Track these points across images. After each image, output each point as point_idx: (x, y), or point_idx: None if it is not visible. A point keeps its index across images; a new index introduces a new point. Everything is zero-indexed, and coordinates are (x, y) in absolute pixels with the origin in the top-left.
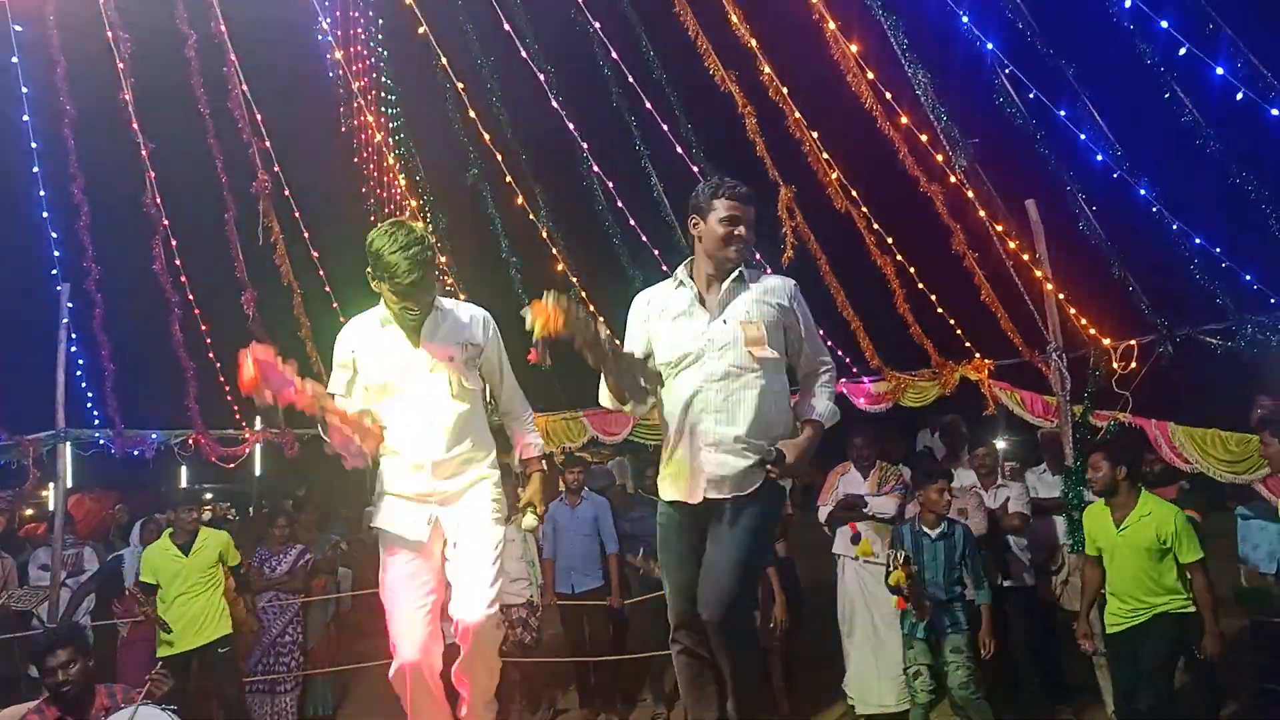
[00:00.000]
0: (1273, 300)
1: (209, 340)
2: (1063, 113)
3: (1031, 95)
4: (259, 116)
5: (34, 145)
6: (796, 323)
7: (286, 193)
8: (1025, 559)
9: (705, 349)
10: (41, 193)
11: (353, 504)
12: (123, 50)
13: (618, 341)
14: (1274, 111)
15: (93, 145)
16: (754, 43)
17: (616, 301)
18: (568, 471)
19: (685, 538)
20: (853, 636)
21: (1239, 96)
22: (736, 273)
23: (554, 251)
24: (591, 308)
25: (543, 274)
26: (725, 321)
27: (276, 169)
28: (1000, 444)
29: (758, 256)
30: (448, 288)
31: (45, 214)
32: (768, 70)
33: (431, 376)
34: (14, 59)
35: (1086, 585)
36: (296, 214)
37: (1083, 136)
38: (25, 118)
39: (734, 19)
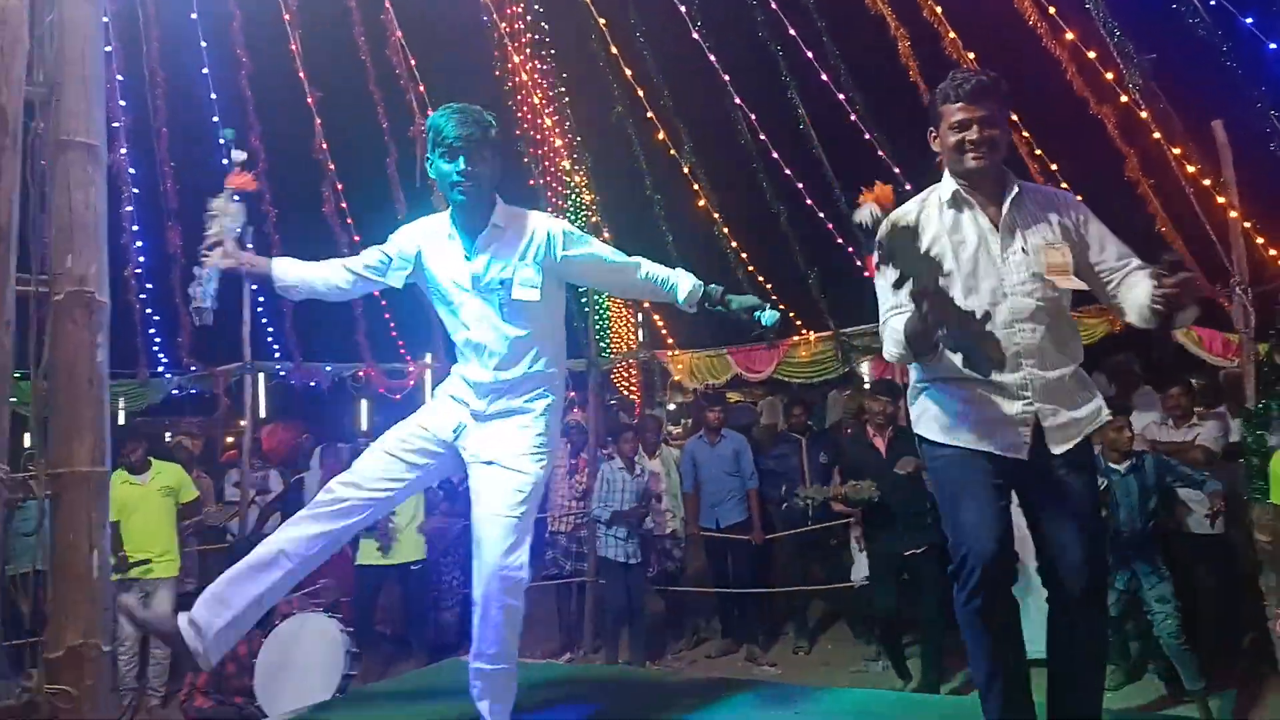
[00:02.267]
0: None
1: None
2: (1250, 20)
3: (1214, 1)
4: (413, 61)
5: (213, 96)
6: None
7: None
8: (1203, 508)
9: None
10: (221, 140)
11: None
12: (289, 2)
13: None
14: None
15: (265, 95)
16: None
17: (764, 238)
18: (708, 410)
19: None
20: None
21: None
22: (1015, 190)
23: (696, 188)
24: (735, 245)
25: (687, 212)
26: (1026, 251)
27: (430, 112)
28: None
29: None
30: (593, 221)
31: (225, 161)
32: None
33: (482, 296)
34: (193, 15)
35: (1267, 528)
36: None
37: (1273, 46)
38: (204, 70)
39: None
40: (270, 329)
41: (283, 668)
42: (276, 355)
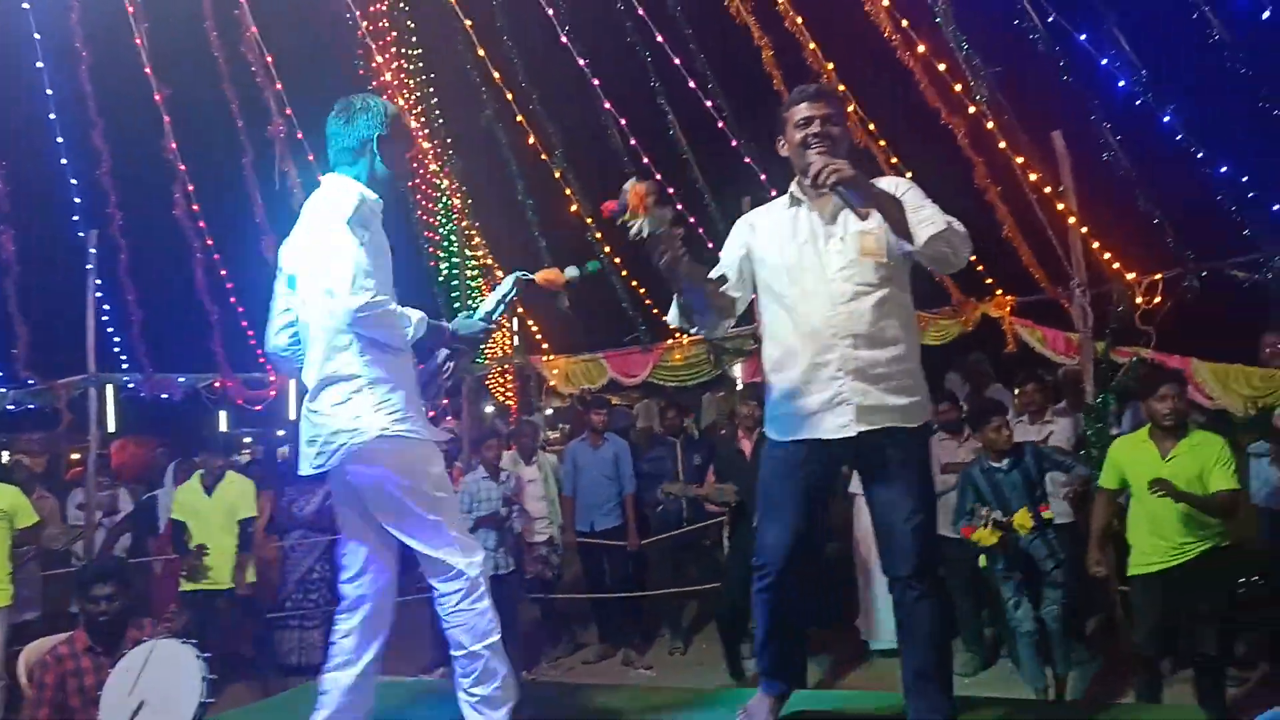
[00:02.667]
0: None
1: (230, 285)
2: (1084, 38)
3: (1051, 19)
4: (270, 59)
5: (49, 92)
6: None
7: (300, 135)
8: (1062, 494)
9: (827, 271)
10: (59, 139)
11: None
12: None
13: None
14: None
15: (109, 91)
16: None
17: (633, 244)
18: (593, 412)
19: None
20: (868, 574)
21: (1265, 15)
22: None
23: (568, 193)
24: (607, 249)
25: (558, 214)
26: (844, 239)
27: (289, 112)
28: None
29: None
30: (463, 225)
31: (64, 160)
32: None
33: None
34: (24, 4)
35: (1099, 516)
36: (311, 157)
37: (1105, 62)
38: (39, 64)
39: None
40: (117, 338)
41: (131, 699)
42: (125, 366)
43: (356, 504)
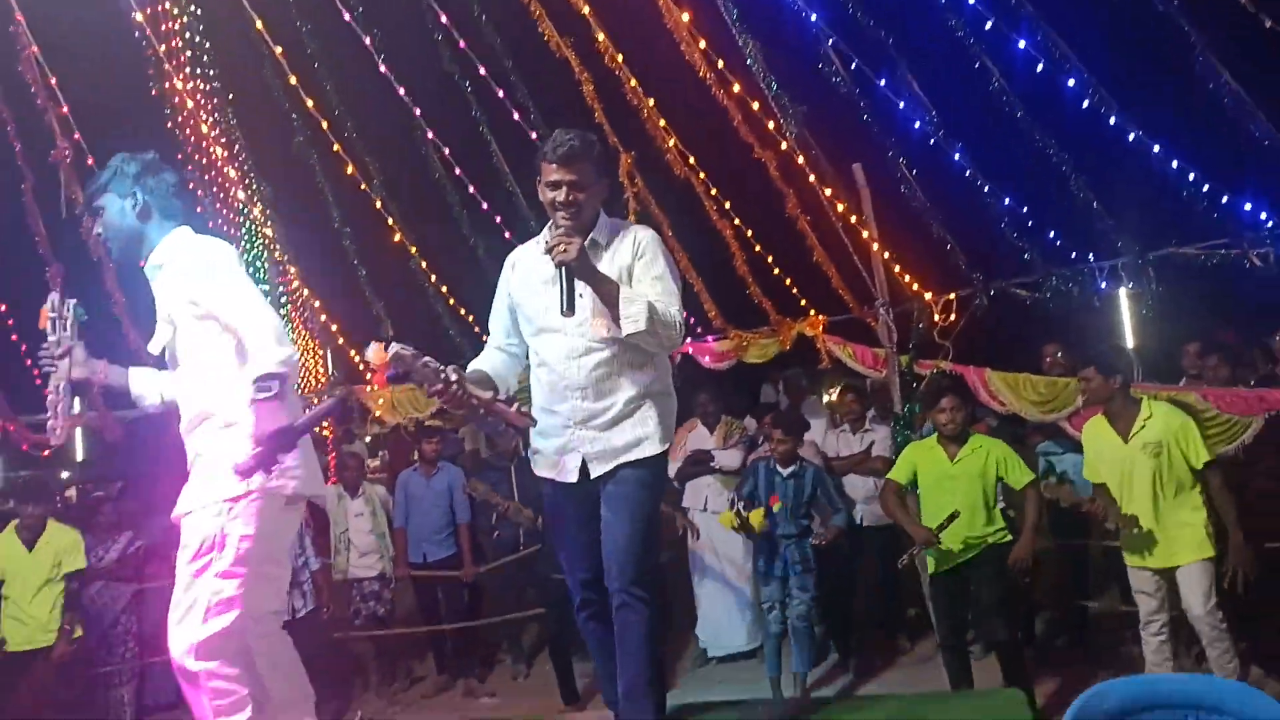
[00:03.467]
0: (1073, 255)
1: (11, 321)
2: (882, 82)
3: (854, 65)
4: (53, 80)
5: None
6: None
7: (91, 161)
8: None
9: (565, 324)
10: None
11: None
12: None
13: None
14: (1070, 82)
15: None
16: (587, 8)
17: (459, 273)
18: (425, 441)
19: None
20: (704, 585)
21: (1039, 68)
22: (590, 238)
23: (389, 222)
24: (433, 278)
25: (381, 243)
26: (581, 295)
27: (77, 136)
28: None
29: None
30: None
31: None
32: (603, 37)
33: None
34: None
35: (887, 504)
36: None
37: (901, 105)
38: None
39: None
40: None
41: None
42: None
43: None
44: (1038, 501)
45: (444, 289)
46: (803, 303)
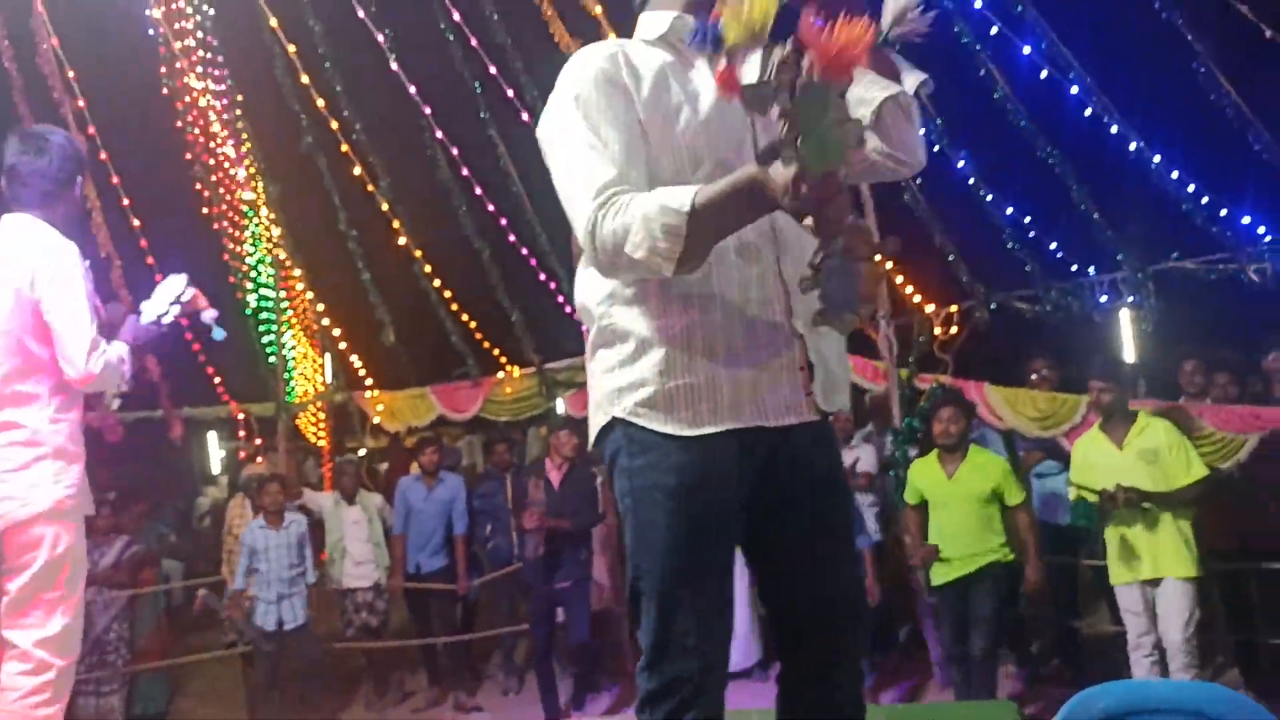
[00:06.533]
0: (1074, 268)
1: None
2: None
3: None
4: (71, 74)
5: None
6: None
7: (104, 156)
8: (874, 513)
9: (741, 145)
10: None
11: (181, 493)
12: None
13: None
14: (1073, 90)
15: None
16: (599, 8)
17: (466, 275)
18: (423, 453)
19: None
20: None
21: (1043, 75)
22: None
23: (395, 225)
24: (437, 282)
25: (386, 245)
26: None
27: (91, 131)
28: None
29: None
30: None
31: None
32: (614, 37)
33: None
34: None
35: (912, 529)
36: (115, 179)
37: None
38: None
39: None
40: None
41: None
42: None
43: None
44: (1030, 521)
45: (448, 294)
46: None
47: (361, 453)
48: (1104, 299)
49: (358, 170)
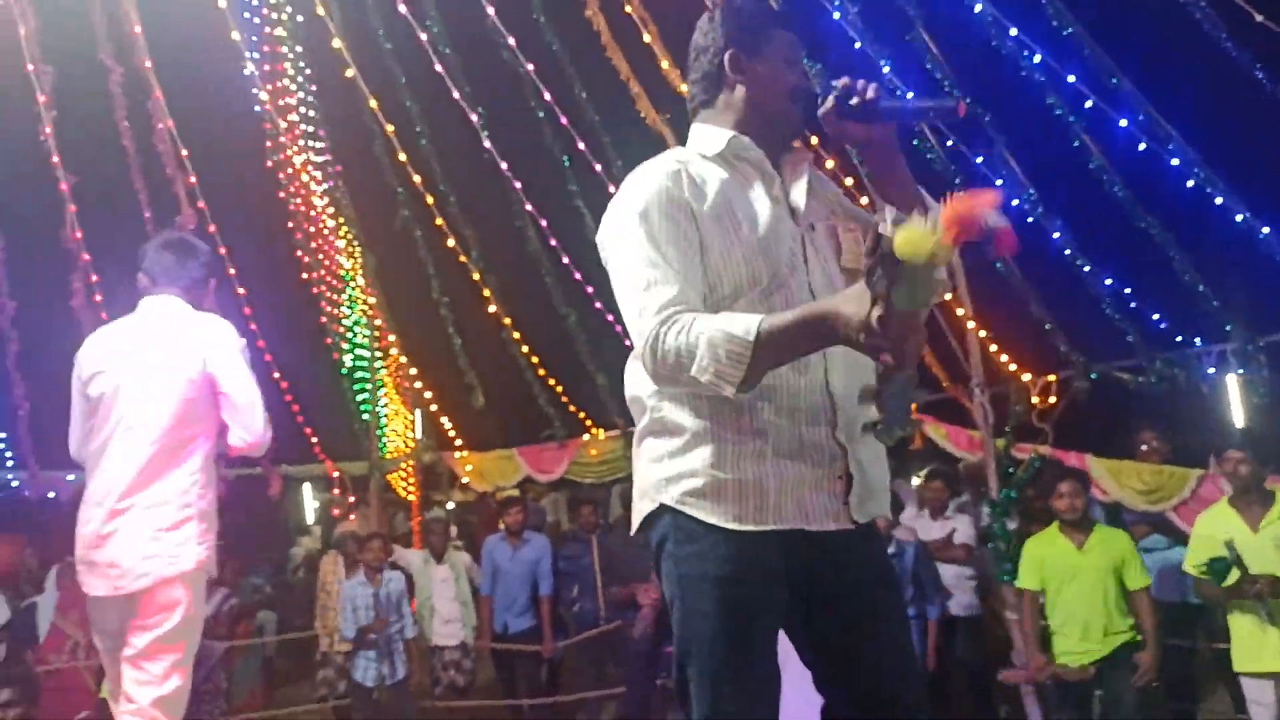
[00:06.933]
0: (1179, 339)
1: None
2: (980, 159)
3: (950, 143)
4: (184, 152)
5: None
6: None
7: (212, 229)
8: (971, 586)
9: (795, 263)
10: None
11: (276, 545)
12: (44, 83)
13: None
14: (1173, 161)
15: (9, 177)
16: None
17: (553, 340)
18: (507, 513)
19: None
20: (786, 671)
21: (1141, 147)
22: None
23: (486, 293)
24: (525, 348)
25: (476, 313)
26: (814, 226)
27: (201, 205)
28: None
29: None
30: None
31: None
32: None
33: None
34: None
35: (1028, 618)
36: (223, 250)
37: (999, 183)
38: None
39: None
40: (3, 435)
41: None
42: (9, 464)
43: None
44: (1152, 605)
45: (535, 359)
46: None
47: (450, 506)
48: (1212, 370)
49: (451, 242)
